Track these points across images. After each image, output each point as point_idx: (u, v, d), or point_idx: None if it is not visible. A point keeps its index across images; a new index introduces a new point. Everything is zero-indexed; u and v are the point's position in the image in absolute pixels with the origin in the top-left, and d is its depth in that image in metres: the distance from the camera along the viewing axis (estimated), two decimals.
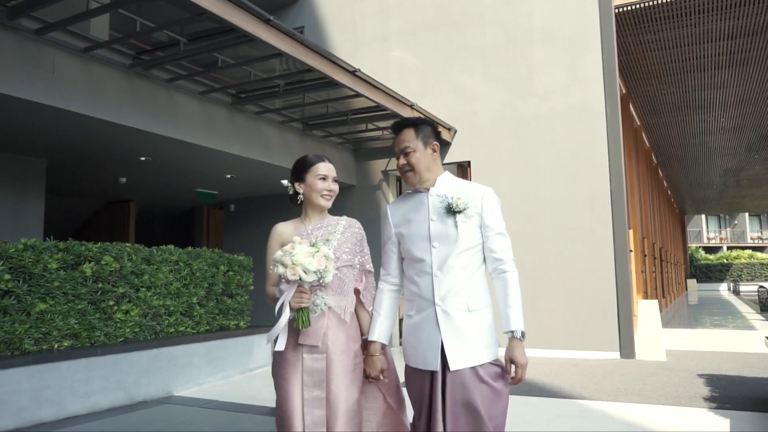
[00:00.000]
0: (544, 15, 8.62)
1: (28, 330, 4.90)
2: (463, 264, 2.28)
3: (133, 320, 5.77)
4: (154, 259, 6.07)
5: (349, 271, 2.44)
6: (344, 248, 2.44)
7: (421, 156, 2.36)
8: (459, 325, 2.23)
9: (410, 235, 2.37)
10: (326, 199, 2.49)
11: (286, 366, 2.34)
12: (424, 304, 2.30)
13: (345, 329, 2.39)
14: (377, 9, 10.06)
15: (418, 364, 2.30)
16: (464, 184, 2.40)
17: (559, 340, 7.99)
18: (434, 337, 2.24)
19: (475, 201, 2.31)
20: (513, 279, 2.30)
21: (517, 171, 8.59)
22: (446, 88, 9.24)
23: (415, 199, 2.43)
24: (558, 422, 4.60)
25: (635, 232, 11.21)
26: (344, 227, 2.51)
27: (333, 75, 6.25)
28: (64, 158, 7.61)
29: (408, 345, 2.37)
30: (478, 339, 2.23)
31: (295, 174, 2.53)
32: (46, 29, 5.02)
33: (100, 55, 5.60)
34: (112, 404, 5.41)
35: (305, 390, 2.29)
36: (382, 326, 2.43)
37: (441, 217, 2.31)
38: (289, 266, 2.19)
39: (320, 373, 2.30)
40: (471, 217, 2.30)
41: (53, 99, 5.25)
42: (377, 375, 2.40)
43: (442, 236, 2.29)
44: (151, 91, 6.17)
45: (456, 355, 2.20)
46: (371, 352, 2.41)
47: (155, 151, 7.18)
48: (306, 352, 2.33)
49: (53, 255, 5.15)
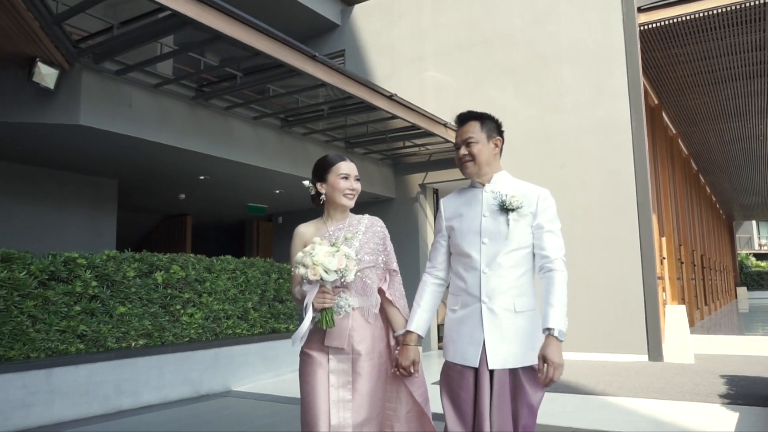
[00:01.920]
0: (571, 34, 9.08)
1: (111, 330, 5.67)
2: (512, 263, 2.25)
3: (197, 322, 6.51)
4: (214, 268, 6.81)
5: (372, 272, 2.42)
6: (366, 249, 2.41)
7: (483, 148, 2.34)
8: (503, 324, 2.20)
9: (461, 230, 2.35)
10: (349, 198, 2.46)
11: (312, 366, 2.33)
12: (469, 300, 2.28)
13: (370, 329, 2.37)
14: (413, 32, 10.70)
15: (456, 359, 2.28)
16: (521, 184, 2.38)
17: (589, 343, 8.37)
18: (476, 333, 2.22)
19: (530, 201, 2.29)
20: (560, 278, 2.23)
21: (546, 183, 8.96)
22: (479, 105, 9.69)
23: (469, 194, 2.41)
24: (577, 415, 5.06)
25: (669, 240, 11.44)
26: (366, 226, 2.48)
27: (371, 100, 6.90)
28: (133, 179, 8.49)
29: (449, 339, 2.34)
30: (520, 341, 2.20)
31: (316, 174, 2.50)
32: (124, 70, 5.84)
33: (168, 89, 6.40)
34: (180, 396, 6.14)
35: (332, 391, 2.27)
36: (421, 318, 2.41)
37: (494, 213, 2.28)
38: (310, 267, 2.18)
39: (346, 374, 2.29)
40: (524, 217, 2.27)
41: (129, 129, 6.06)
42: (408, 366, 2.35)
43: (493, 233, 2.26)
44: (210, 119, 6.95)
45: (496, 354, 2.17)
46: (407, 342, 2.38)
47: (212, 170, 7.96)
48: (332, 353, 2.32)
49: (130, 264, 5.93)
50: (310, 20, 11.37)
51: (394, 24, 10.97)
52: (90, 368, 5.38)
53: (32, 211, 7.46)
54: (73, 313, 5.34)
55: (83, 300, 5.45)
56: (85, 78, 5.65)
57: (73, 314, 5.34)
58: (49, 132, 5.93)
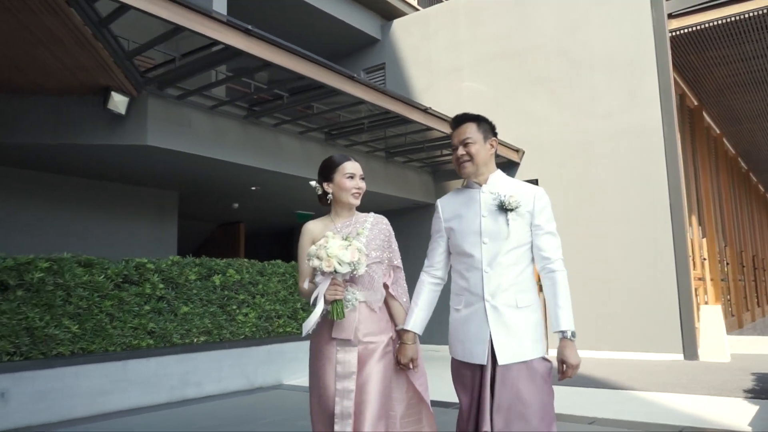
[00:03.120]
0: (603, 42, 9.34)
1: (176, 327, 6.35)
2: (512, 261, 2.30)
3: (251, 321, 7.14)
4: (266, 272, 7.44)
5: (378, 267, 2.50)
6: (373, 245, 2.50)
7: (480, 148, 2.39)
8: (508, 320, 2.25)
9: (461, 231, 2.39)
10: (355, 197, 2.54)
11: (321, 358, 2.43)
12: (472, 299, 2.32)
13: (376, 322, 2.47)
14: (450, 45, 11.14)
15: (465, 357, 2.33)
16: (516, 183, 2.43)
17: (625, 342, 8.60)
18: (483, 331, 2.26)
19: (527, 200, 2.34)
20: (562, 278, 2.31)
21: (581, 187, 9.31)
22: (514, 113, 10.13)
23: (466, 194, 2.45)
24: (602, 406, 5.38)
25: (711, 241, 11.46)
26: (372, 224, 2.57)
27: (407, 114, 7.41)
28: (192, 190, 9.25)
29: (455, 339, 2.39)
30: (527, 335, 2.25)
31: (322, 174, 2.59)
32: (184, 95, 6.54)
33: (223, 110, 7.08)
34: (237, 388, 6.78)
35: (337, 381, 2.35)
36: (418, 317, 2.49)
37: (492, 214, 2.33)
38: (324, 258, 2.25)
39: (351, 365, 2.37)
40: (522, 216, 2.32)
41: (189, 147, 6.75)
42: (407, 363, 2.46)
43: (493, 233, 2.31)
44: (260, 135, 7.60)
45: (505, 350, 2.22)
46: (404, 341, 2.48)
47: (263, 181, 8.62)
48: (339, 344, 2.41)
49: (192, 268, 6.61)
50: (352, 36, 11.99)
51: (431, 37, 11.45)
52: (159, 361, 6.07)
53: (105, 221, 8.30)
54: (143, 312, 6.04)
55: (152, 300, 6.15)
56: (151, 103, 6.37)
57: (144, 313, 6.05)
58: (120, 152, 6.68)
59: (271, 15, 10.74)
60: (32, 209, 7.50)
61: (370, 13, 12.12)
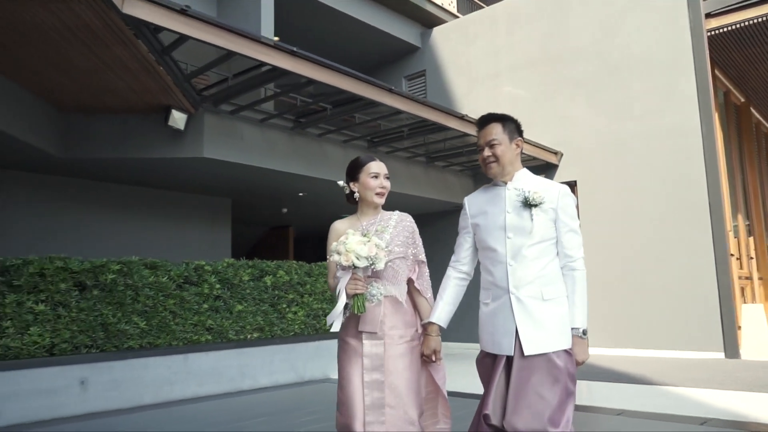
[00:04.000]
0: (640, 44, 9.43)
1: (231, 324, 6.90)
2: (536, 254, 2.35)
3: (300, 319, 7.64)
4: (313, 273, 7.93)
5: (402, 262, 2.60)
6: (397, 241, 2.59)
7: (506, 149, 2.44)
8: (534, 312, 2.31)
9: (486, 226, 2.46)
10: (379, 196, 2.63)
11: (348, 351, 2.52)
12: (499, 292, 2.39)
13: (401, 316, 2.55)
14: (489, 51, 11.42)
15: (493, 349, 2.39)
16: (541, 181, 2.47)
17: (665, 340, 8.68)
18: (509, 323, 2.33)
19: (552, 197, 2.39)
20: (580, 278, 2.38)
21: (619, 187, 9.43)
22: (552, 116, 10.32)
23: (492, 192, 2.51)
24: (632, 400, 5.59)
25: (760, 239, 11.30)
26: (396, 221, 2.66)
27: (444, 122, 7.78)
28: (244, 197, 9.87)
29: (484, 331, 2.47)
30: (552, 326, 2.30)
31: (349, 174, 2.67)
32: (237, 110, 7.10)
33: (272, 123, 7.62)
34: (287, 381, 7.28)
35: (365, 373, 2.43)
36: (443, 310, 2.56)
37: (517, 209, 2.39)
38: (343, 253, 2.36)
39: (379, 358, 2.45)
40: (546, 212, 2.37)
41: (241, 157, 7.31)
42: (430, 354, 2.53)
43: (518, 228, 2.37)
44: (306, 145, 8.11)
45: (530, 341, 2.28)
46: (428, 332, 2.56)
47: (309, 188, 9.13)
48: (366, 338, 2.49)
49: (245, 270, 7.15)
50: (393, 45, 12.43)
51: (471, 43, 11.75)
52: (216, 355, 6.63)
53: (166, 227, 9.00)
54: (202, 310, 6.62)
55: (209, 299, 6.72)
56: (206, 119, 6.96)
57: (202, 311, 6.62)
58: (179, 164, 7.30)
59: (318, 28, 11.29)
60: (103, 217, 8.26)
61: (410, 23, 12.53)
